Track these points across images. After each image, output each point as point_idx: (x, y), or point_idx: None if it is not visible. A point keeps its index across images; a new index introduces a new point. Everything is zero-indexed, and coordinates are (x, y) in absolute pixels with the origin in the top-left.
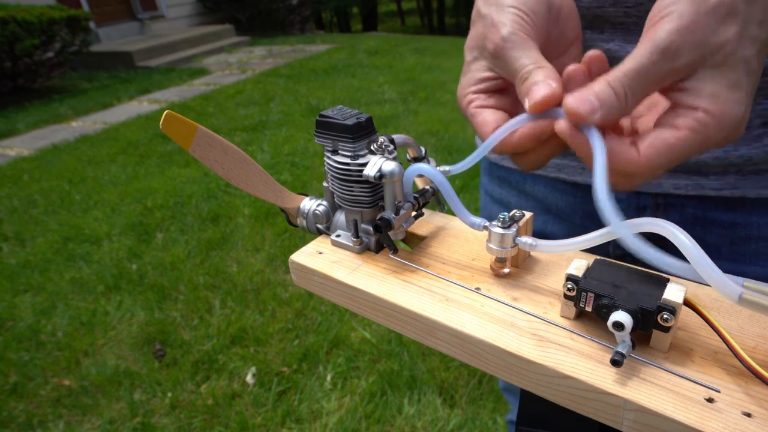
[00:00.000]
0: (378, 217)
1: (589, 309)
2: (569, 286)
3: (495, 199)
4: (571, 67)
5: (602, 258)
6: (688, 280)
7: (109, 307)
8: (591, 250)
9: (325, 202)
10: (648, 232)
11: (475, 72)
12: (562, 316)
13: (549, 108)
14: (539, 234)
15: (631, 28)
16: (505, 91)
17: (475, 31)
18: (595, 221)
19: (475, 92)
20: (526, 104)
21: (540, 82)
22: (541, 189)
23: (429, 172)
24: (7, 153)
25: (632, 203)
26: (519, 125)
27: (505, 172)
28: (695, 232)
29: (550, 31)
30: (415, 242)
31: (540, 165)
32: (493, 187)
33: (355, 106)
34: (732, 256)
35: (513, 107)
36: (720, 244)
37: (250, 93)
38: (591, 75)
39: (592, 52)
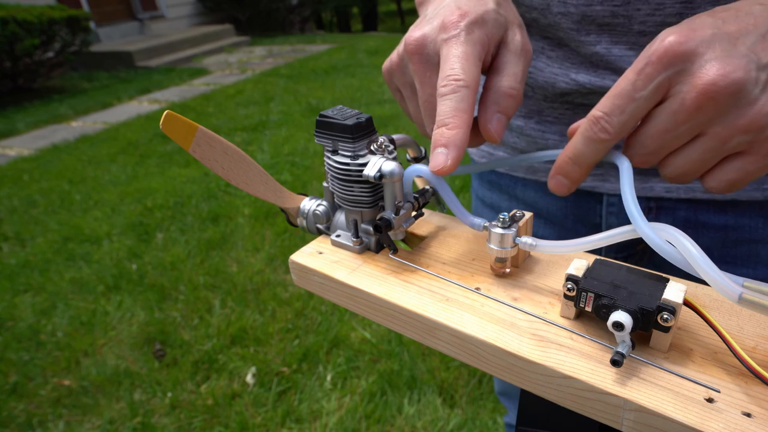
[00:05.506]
0: (378, 217)
1: (589, 309)
2: (569, 286)
3: (486, 204)
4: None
5: (602, 258)
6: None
7: (109, 307)
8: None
9: (325, 202)
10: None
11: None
12: (562, 316)
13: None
14: None
15: (618, 29)
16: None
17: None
18: (585, 224)
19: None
20: (431, 160)
21: (441, 149)
22: (532, 193)
23: (429, 172)
24: (7, 153)
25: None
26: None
27: (496, 177)
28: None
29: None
30: (415, 242)
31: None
32: (484, 192)
33: (355, 106)
34: (724, 259)
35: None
36: (712, 246)
37: (250, 93)
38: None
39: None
